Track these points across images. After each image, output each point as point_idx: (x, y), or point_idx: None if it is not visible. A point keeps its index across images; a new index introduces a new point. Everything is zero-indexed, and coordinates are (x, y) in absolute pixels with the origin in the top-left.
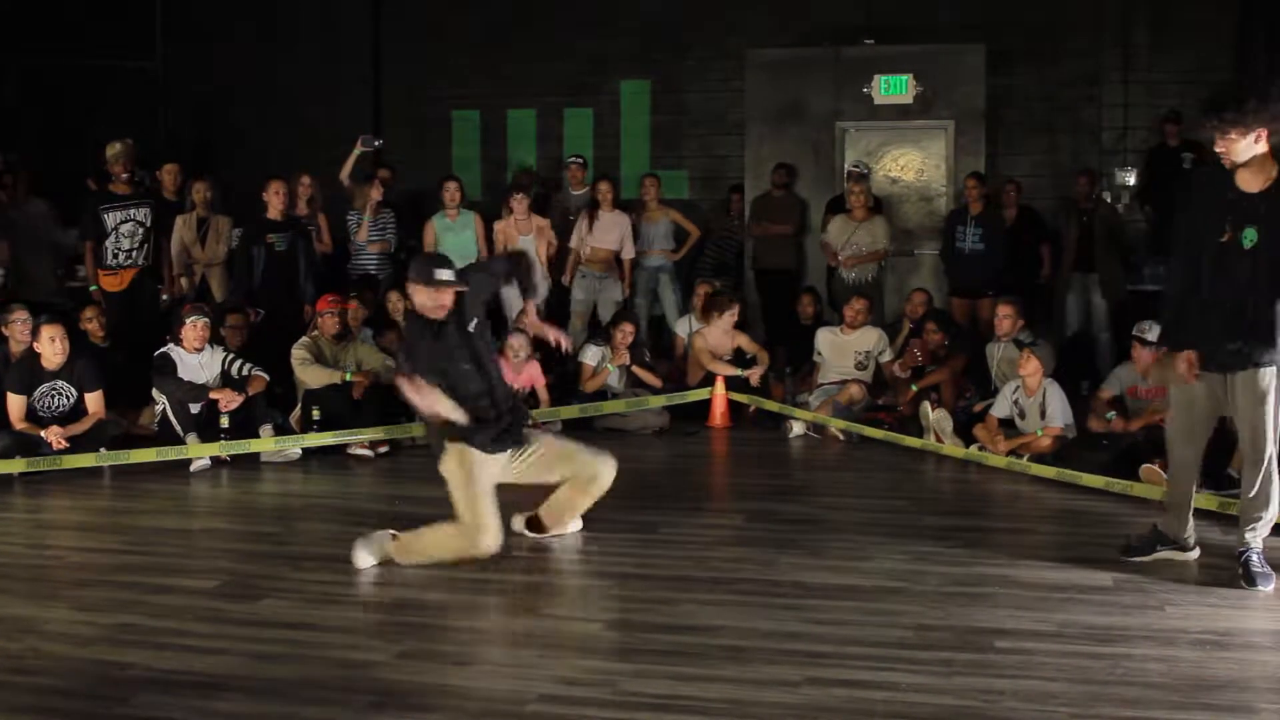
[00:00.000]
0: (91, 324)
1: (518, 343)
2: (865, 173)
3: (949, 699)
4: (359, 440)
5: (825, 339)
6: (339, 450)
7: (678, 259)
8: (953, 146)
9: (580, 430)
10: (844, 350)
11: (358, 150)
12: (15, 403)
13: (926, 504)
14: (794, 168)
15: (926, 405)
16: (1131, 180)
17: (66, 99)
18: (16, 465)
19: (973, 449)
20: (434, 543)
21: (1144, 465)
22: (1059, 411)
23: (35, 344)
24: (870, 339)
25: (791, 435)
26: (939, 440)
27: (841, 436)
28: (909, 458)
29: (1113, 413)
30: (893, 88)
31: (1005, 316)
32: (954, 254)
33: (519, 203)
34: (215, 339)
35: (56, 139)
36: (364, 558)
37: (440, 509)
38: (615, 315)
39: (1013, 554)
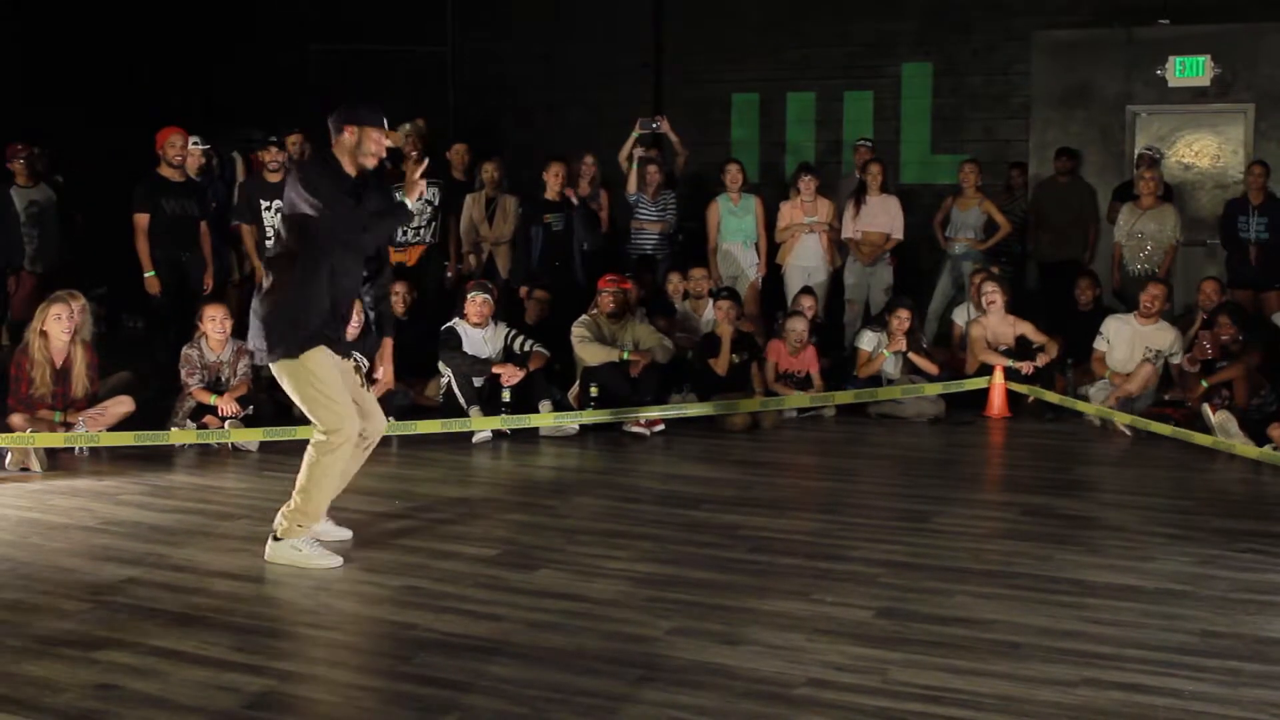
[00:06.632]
0: (397, 298)
1: (799, 327)
2: (1157, 158)
3: (1235, 710)
4: (635, 418)
5: (1114, 326)
6: (615, 427)
7: (983, 249)
8: (1252, 131)
9: (854, 415)
10: (1134, 342)
11: (636, 132)
12: None
13: (1215, 505)
14: (1078, 153)
15: (1207, 409)
16: None
17: (363, 84)
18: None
19: (1266, 449)
20: (317, 474)
21: None
22: None
23: None
24: (1166, 338)
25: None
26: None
27: (1128, 431)
28: (1197, 456)
29: None
30: (1188, 69)
31: None
32: (1236, 244)
33: (807, 184)
34: (500, 315)
35: None
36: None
37: (715, 489)
38: (891, 301)
39: None
